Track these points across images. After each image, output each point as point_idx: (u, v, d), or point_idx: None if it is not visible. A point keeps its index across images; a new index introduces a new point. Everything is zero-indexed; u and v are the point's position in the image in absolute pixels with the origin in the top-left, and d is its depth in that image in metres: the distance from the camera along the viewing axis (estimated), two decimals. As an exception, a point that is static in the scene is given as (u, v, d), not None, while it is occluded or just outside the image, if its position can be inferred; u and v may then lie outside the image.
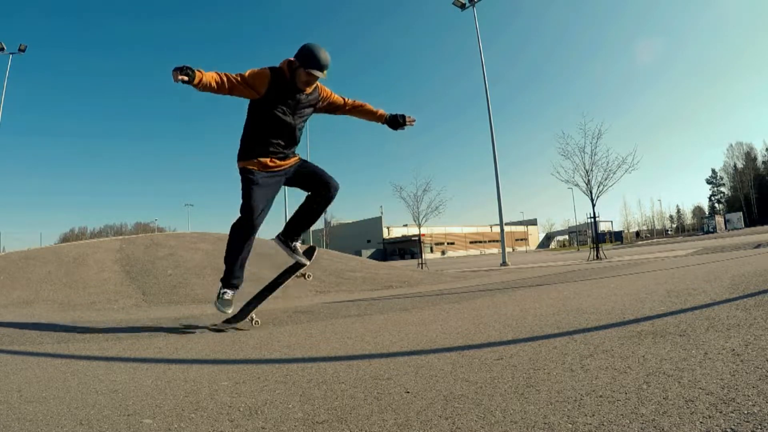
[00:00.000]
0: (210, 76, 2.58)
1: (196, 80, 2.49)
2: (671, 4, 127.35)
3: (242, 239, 2.91)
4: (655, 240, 50.20)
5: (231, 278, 2.94)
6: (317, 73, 2.74)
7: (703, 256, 7.30)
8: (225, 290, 2.93)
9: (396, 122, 3.21)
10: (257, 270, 7.07)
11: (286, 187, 3.33)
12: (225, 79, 2.63)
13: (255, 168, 2.86)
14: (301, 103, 2.87)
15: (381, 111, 3.24)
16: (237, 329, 2.93)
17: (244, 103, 2.94)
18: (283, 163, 2.94)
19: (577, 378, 1.39)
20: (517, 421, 1.10)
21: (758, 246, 8.43)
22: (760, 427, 0.94)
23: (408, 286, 6.43)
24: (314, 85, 2.89)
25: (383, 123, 3.22)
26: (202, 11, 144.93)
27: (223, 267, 3.01)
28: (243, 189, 2.88)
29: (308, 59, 2.72)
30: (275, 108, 2.78)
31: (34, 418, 1.34)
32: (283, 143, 2.90)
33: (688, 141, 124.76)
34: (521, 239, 77.64)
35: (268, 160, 2.87)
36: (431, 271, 11.40)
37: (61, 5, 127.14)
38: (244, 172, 2.88)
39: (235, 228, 2.92)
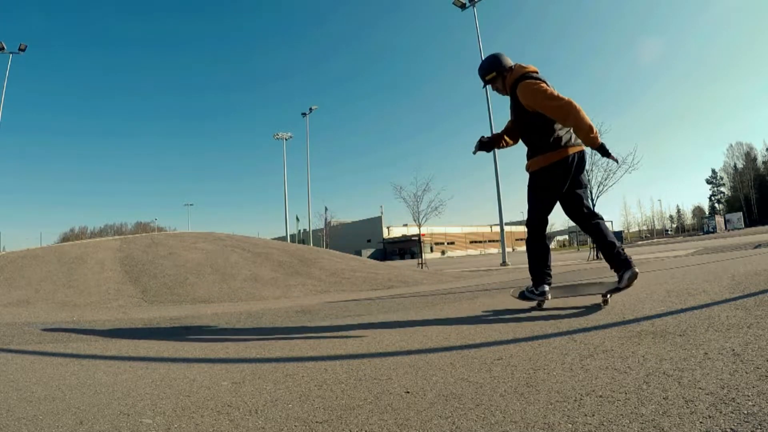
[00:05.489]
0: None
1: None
2: (672, 4, 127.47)
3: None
4: (655, 240, 50.21)
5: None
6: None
7: (703, 256, 7.29)
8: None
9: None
10: (257, 270, 7.07)
11: None
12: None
13: None
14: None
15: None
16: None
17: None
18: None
19: (577, 378, 1.39)
20: (517, 421, 1.10)
21: (758, 246, 8.42)
22: (760, 427, 0.94)
23: (408, 286, 6.43)
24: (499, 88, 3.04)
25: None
26: (202, 9, 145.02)
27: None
28: None
29: None
30: None
31: (34, 418, 1.34)
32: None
33: (688, 141, 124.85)
34: (521, 239, 77.33)
35: None
36: (431, 270, 11.40)
37: (61, 3, 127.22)
38: None
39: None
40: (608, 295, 2.75)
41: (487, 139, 3.15)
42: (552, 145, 2.74)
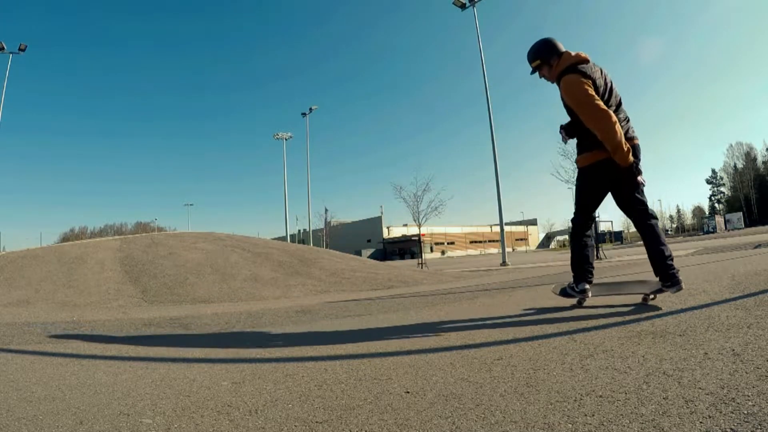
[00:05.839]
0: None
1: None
2: (672, 4, 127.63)
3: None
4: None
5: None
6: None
7: (703, 256, 7.30)
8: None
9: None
10: (257, 270, 7.07)
11: None
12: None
13: None
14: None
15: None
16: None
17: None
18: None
19: (577, 378, 1.39)
20: (517, 421, 1.10)
21: (758, 246, 8.42)
22: (760, 427, 0.94)
23: (408, 286, 6.43)
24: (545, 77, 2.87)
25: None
26: (202, 9, 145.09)
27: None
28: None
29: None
30: None
31: (34, 418, 1.34)
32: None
33: (688, 141, 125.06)
34: (521, 239, 77.62)
35: None
36: (431, 270, 11.40)
37: (61, 3, 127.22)
38: None
39: None
40: (651, 295, 2.65)
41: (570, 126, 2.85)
42: (601, 142, 2.54)
